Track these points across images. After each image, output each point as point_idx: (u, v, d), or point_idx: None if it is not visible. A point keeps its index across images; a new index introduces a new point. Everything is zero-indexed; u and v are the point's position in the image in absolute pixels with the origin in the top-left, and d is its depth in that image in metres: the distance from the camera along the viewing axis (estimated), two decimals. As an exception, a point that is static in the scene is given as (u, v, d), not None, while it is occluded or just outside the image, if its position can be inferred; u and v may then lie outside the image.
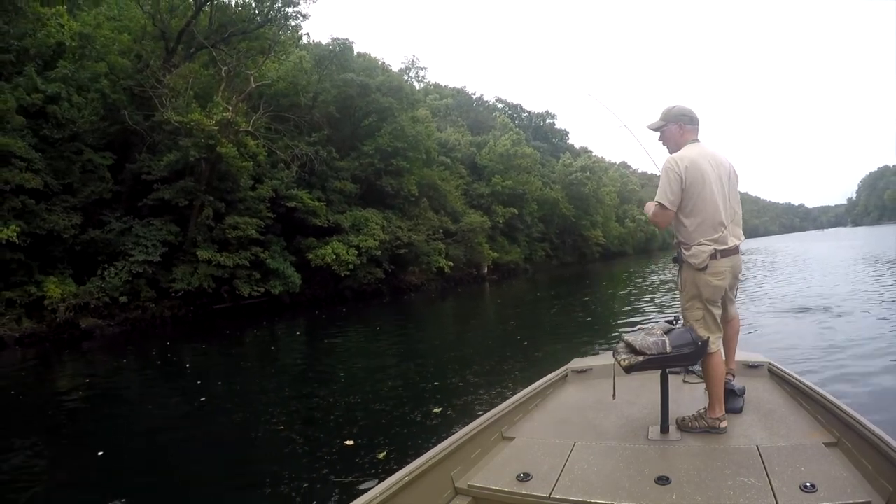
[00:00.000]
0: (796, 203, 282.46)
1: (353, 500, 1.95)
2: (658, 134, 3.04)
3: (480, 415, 2.92)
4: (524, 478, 2.35)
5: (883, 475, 2.00)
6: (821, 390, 2.85)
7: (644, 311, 13.44)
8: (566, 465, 2.44)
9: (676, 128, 2.93)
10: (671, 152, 2.92)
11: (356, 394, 7.59)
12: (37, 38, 19.46)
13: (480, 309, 21.60)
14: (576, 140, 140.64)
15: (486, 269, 37.54)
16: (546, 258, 48.62)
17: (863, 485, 2.01)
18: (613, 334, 10.09)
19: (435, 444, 2.50)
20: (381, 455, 4.84)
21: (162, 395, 8.85)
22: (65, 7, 21.36)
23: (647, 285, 21.65)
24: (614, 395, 3.02)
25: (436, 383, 7.77)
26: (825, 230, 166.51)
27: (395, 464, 4.40)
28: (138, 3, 22.35)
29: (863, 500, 1.90)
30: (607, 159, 76.55)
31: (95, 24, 21.60)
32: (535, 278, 37.63)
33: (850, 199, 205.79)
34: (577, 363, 4.15)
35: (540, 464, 2.47)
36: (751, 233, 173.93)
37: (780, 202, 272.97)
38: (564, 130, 72.85)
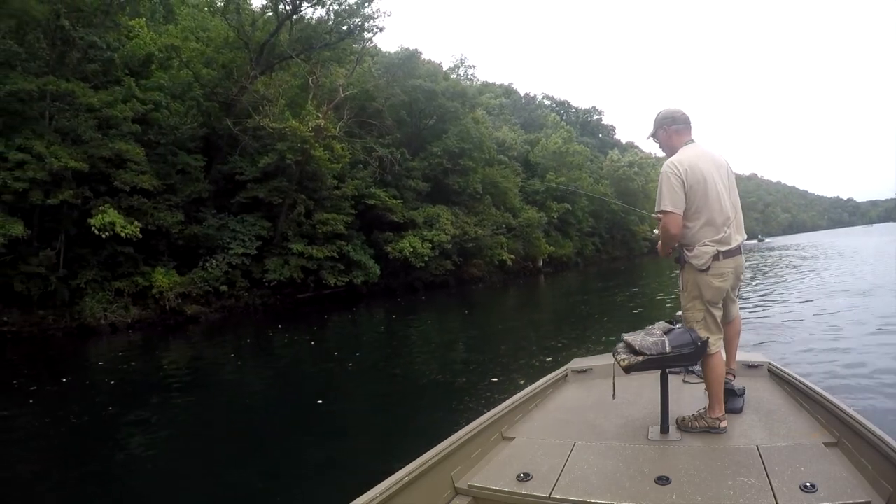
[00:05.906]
0: (845, 197, 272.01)
1: (352, 500, 1.94)
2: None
3: (481, 415, 2.95)
4: (524, 478, 2.35)
5: (883, 475, 1.99)
6: (821, 390, 2.85)
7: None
8: (566, 465, 2.43)
9: (662, 132, 2.94)
10: (668, 157, 2.90)
11: (481, 353, 9.30)
12: (125, 50, 20.89)
13: (547, 297, 22.98)
14: (622, 135, 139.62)
15: (541, 263, 38.90)
16: (596, 252, 49.61)
17: (863, 485, 2.01)
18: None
19: (439, 441, 2.51)
20: (522, 383, 6.37)
21: (314, 364, 10.06)
22: (144, 20, 22.83)
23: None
24: (614, 395, 3.01)
25: (540, 345, 9.50)
26: (873, 225, 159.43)
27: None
28: (223, 16, 23.98)
29: (863, 500, 1.91)
30: (654, 154, 76.15)
31: (183, 37, 23.33)
32: (586, 271, 38.77)
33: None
34: (577, 363, 4.15)
35: (540, 464, 2.47)
36: (798, 228, 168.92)
37: (829, 196, 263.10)
38: (611, 126, 73.34)
